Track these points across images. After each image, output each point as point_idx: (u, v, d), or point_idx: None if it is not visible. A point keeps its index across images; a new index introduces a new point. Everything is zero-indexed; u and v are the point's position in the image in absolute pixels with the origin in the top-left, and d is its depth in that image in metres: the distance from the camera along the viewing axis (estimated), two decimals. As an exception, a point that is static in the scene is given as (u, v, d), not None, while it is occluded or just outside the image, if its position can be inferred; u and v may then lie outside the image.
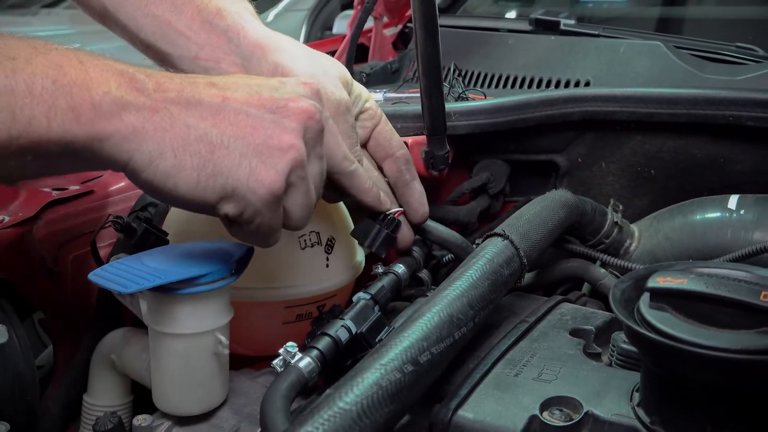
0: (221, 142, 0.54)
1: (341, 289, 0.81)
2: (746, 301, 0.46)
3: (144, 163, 0.52)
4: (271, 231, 0.59)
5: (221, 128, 0.54)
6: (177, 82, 0.55)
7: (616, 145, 0.95)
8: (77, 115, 0.49)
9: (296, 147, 0.57)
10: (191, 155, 0.53)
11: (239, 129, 0.55)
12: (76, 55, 0.51)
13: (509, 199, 1.04)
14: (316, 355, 0.61)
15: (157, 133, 0.52)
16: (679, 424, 0.48)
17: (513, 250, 0.68)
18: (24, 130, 0.47)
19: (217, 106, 0.55)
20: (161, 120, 0.52)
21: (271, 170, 0.55)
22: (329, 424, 0.44)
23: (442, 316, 0.56)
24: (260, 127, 0.55)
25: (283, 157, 0.56)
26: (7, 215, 0.78)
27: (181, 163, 0.53)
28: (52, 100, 0.48)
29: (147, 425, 0.66)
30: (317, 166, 0.61)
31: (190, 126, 0.53)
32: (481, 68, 1.30)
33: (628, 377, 0.57)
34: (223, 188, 0.54)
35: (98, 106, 0.50)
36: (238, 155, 0.54)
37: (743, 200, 0.83)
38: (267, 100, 0.57)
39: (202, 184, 0.54)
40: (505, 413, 0.54)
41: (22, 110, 0.47)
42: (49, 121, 0.48)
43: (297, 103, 0.58)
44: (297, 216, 0.60)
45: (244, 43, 0.70)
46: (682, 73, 1.08)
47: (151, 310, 0.64)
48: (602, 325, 0.68)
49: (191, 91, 0.55)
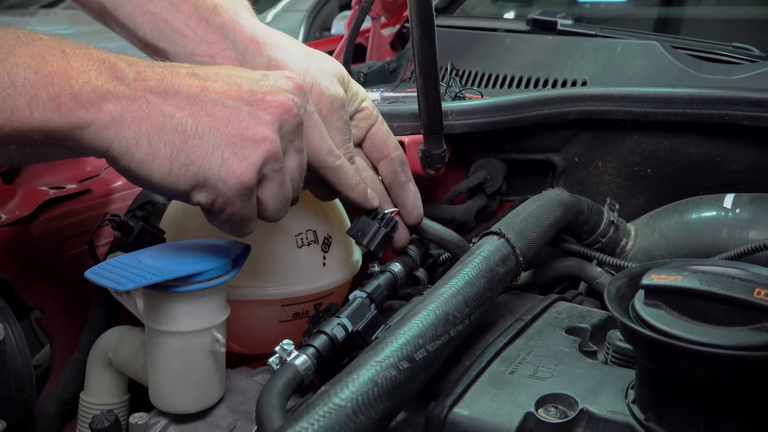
0: (195, 131, 0.55)
1: (338, 287, 0.81)
2: (740, 298, 0.46)
3: (121, 151, 0.53)
4: (243, 221, 0.60)
5: (197, 118, 0.55)
6: (158, 71, 0.56)
7: (612, 145, 0.96)
8: (58, 104, 0.50)
9: (270, 139, 0.57)
10: (165, 144, 0.54)
11: (215, 120, 0.56)
12: (59, 45, 0.52)
13: (506, 198, 1.04)
14: (312, 353, 0.61)
15: (134, 122, 0.53)
16: (674, 420, 0.48)
17: (509, 249, 0.68)
18: (7, 119, 0.49)
19: (195, 96, 0.56)
20: (139, 109, 0.53)
21: (243, 162, 0.56)
22: (324, 420, 0.44)
23: (438, 314, 0.56)
24: (235, 119, 0.56)
25: (255, 150, 0.56)
26: (4, 214, 0.78)
27: (155, 152, 0.54)
28: (33, 91, 0.49)
29: (143, 423, 0.66)
30: (296, 159, 0.62)
31: (166, 115, 0.54)
32: (478, 68, 1.30)
33: (624, 375, 0.57)
34: (195, 177, 0.55)
35: (78, 96, 0.51)
36: (211, 146, 0.55)
37: (739, 199, 0.83)
38: (245, 92, 0.58)
39: (174, 173, 0.55)
40: (500, 410, 0.54)
41: (4, 101, 0.49)
42: (31, 110, 0.49)
43: (274, 97, 0.59)
44: (272, 207, 0.61)
45: (239, 38, 0.70)
46: (679, 72, 1.08)
47: (147, 308, 0.64)
48: (598, 323, 0.69)
49: (171, 81, 0.56)
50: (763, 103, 0.84)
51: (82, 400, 0.75)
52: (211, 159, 0.55)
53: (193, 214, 0.79)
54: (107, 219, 0.75)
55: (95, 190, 0.87)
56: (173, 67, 0.58)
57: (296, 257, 0.77)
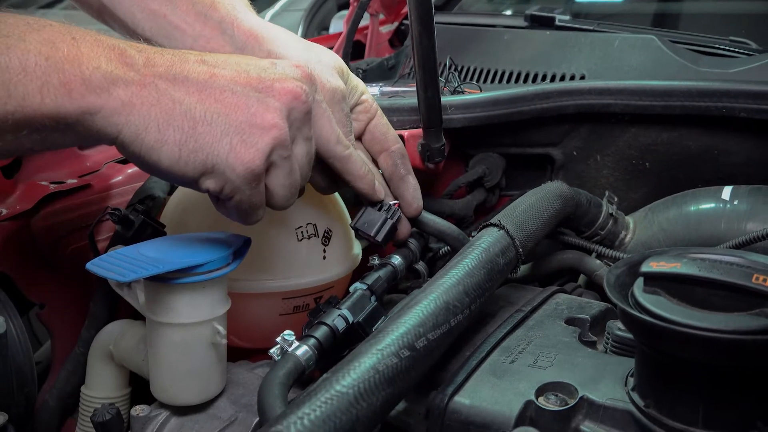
0: (204, 118, 0.55)
1: (338, 280, 0.81)
2: (738, 284, 0.46)
3: (131, 137, 0.54)
4: (252, 208, 0.60)
5: (206, 104, 0.55)
6: (167, 57, 0.56)
7: (611, 138, 0.96)
8: (69, 90, 0.51)
9: (278, 126, 0.57)
10: (174, 130, 0.54)
11: (223, 106, 0.56)
12: (69, 32, 0.53)
13: (505, 193, 1.04)
14: (314, 344, 0.61)
15: (143, 107, 0.53)
16: (674, 405, 0.48)
17: (509, 240, 0.69)
18: (19, 105, 0.49)
19: (204, 82, 0.56)
20: (148, 94, 0.54)
21: (251, 148, 0.56)
22: (326, 406, 0.45)
23: (439, 303, 0.57)
24: (244, 105, 0.56)
25: (264, 136, 0.57)
26: (4, 208, 0.79)
27: (164, 138, 0.54)
28: (45, 77, 0.50)
29: (145, 415, 0.66)
30: (304, 147, 0.62)
31: (175, 101, 0.54)
32: (476, 64, 1.30)
33: (623, 363, 0.57)
34: (203, 164, 0.55)
35: (89, 81, 0.51)
36: (220, 132, 0.55)
37: (737, 191, 0.83)
38: (254, 79, 0.58)
39: (183, 159, 0.55)
40: (501, 399, 0.55)
41: (16, 87, 0.49)
42: (42, 96, 0.50)
43: (283, 84, 0.59)
44: (280, 195, 0.61)
45: (237, 33, 0.70)
46: (676, 66, 1.08)
47: (148, 300, 0.64)
48: (597, 314, 0.69)
49: (180, 67, 0.56)
50: (760, 96, 0.85)
51: (83, 394, 0.76)
52: (219, 145, 0.55)
53: (194, 209, 0.79)
54: (108, 213, 0.75)
55: (95, 185, 0.87)
56: (182, 53, 0.58)
57: (297, 250, 0.77)
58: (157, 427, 0.65)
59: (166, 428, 0.66)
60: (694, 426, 0.47)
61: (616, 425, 0.51)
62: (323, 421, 0.44)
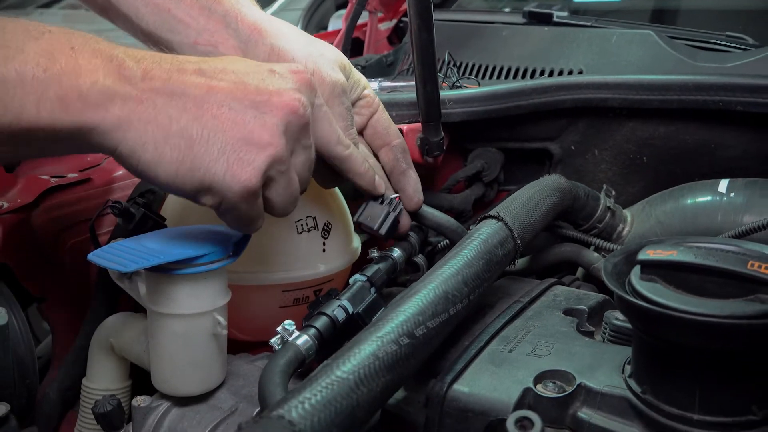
0: (201, 136, 0.55)
1: (338, 273, 0.81)
2: (734, 270, 0.47)
3: (128, 152, 0.54)
4: (251, 220, 0.61)
5: (202, 121, 0.55)
6: (165, 68, 0.56)
7: (608, 132, 0.96)
8: (65, 105, 0.50)
9: (275, 144, 0.57)
10: (171, 149, 0.54)
11: (220, 122, 0.55)
12: (68, 40, 0.52)
13: (503, 187, 1.05)
14: (314, 333, 0.62)
15: (140, 125, 0.53)
16: (670, 391, 0.49)
17: (507, 232, 0.69)
18: (15, 118, 0.49)
19: (201, 98, 0.55)
20: (145, 111, 0.53)
21: (248, 167, 0.56)
22: (327, 391, 0.45)
23: (438, 292, 0.57)
24: (241, 122, 0.56)
25: (260, 154, 0.56)
26: (5, 201, 0.79)
27: (161, 156, 0.54)
28: (42, 90, 0.50)
29: (146, 406, 0.67)
30: (303, 156, 0.62)
31: (172, 118, 0.54)
32: (475, 60, 1.30)
33: (621, 352, 0.58)
34: (200, 182, 0.55)
35: (86, 96, 0.51)
36: (217, 151, 0.55)
37: (733, 184, 0.84)
38: (252, 92, 0.57)
39: (180, 177, 0.55)
40: (499, 386, 0.55)
41: (13, 99, 0.49)
42: (38, 110, 0.50)
43: (281, 98, 0.58)
44: (279, 205, 0.62)
45: (241, 27, 0.71)
46: (674, 61, 1.09)
47: (149, 291, 0.64)
48: (595, 305, 0.69)
49: (177, 80, 0.55)
50: (756, 89, 0.85)
51: (84, 386, 0.76)
52: (216, 165, 0.55)
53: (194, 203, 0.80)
54: (109, 206, 0.76)
55: (96, 179, 0.87)
56: (181, 63, 0.57)
57: (296, 243, 0.77)
58: (158, 418, 0.66)
59: (167, 419, 0.66)
60: (690, 411, 0.48)
61: (614, 411, 0.52)
62: (324, 405, 0.44)
